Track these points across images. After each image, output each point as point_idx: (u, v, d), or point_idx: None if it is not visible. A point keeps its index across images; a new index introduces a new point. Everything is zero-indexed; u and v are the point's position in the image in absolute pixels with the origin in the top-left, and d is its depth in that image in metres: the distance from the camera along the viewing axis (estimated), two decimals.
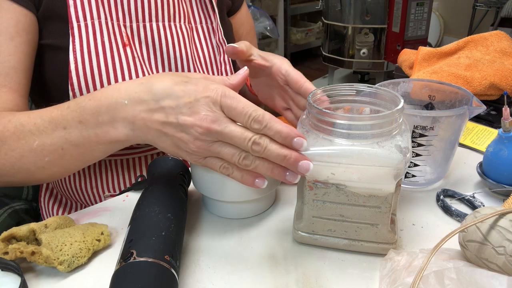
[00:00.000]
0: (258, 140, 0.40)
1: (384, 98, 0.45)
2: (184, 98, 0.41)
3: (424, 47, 0.82)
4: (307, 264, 0.44)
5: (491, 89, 0.73)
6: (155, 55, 0.64)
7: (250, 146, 0.40)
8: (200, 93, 0.41)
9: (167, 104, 0.42)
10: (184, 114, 0.41)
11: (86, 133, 0.46)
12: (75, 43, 0.57)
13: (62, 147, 0.47)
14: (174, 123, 0.41)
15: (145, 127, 0.43)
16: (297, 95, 0.56)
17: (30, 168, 0.49)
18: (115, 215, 0.53)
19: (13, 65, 0.55)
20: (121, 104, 0.44)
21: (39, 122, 0.47)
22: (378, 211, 0.42)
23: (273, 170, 0.42)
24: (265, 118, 0.40)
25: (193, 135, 0.41)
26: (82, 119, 0.45)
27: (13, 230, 0.44)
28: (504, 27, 2.41)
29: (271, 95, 0.62)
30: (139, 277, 0.36)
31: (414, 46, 1.79)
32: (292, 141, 0.40)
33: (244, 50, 0.54)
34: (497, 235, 0.37)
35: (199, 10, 0.71)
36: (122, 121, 0.44)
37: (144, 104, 0.43)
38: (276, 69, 0.56)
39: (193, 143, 0.41)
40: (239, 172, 0.43)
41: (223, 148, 0.42)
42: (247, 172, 0.43)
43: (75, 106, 0.46)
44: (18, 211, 0.70)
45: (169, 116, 0.42)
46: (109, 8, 0.60)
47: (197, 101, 0.41)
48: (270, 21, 3.03)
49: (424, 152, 0.53)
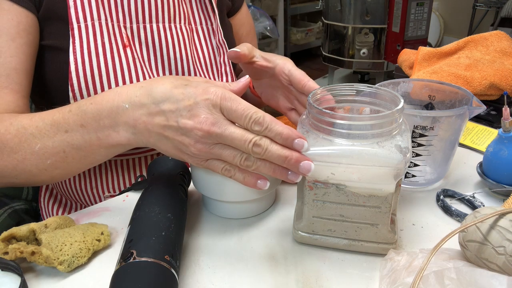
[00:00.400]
0: (259, 142, 0.40)
1: (384, 98, 0.45)
2: (183, 101, 0.41)
3: (424, 47, 0.82)
4: (307, 264, 0.44)
5: (491, 89, 0.73)
6: (155, 56, 0.64)
7: (251, 148, 0.40)
8: (199, 95, 0.41)
9: (167, 107, 0.42)
10: (184, 117, 0.41)
11: (88, 137, 0.46)
12: (75, 44, 0.57)
13: (64, 150, 0.47)
14: (174, 126, 0.42)
15: (146, 130, 0.43)
16: (301, 94, 0.56)
17: (32, 170, 0.49)
18: (115, 215, 0.53)
19: (14, 66, 0.55)
20: (122, 108, 0.44)
21: (41, 125, 0.48)
22: (378, 211, 0.42)
23: (275, 170, 0.42)
24: (266, 120, 0.40)
25: (194, 138, 0.41)
26: (84, 123, 0.46)
27: (13, 230, 0.44)
28: (504, 27, 2.41)
29: (274, 96, 0.62)
30: (139, 277, 0.36)
31: (414, 46, 1.79)
32: (293, 142, 0.40)
33: (246, 53, 0.54)
34: (497, 235, 0.37)
35: (199, 11, 0.71)
36: (124, 125, 0.44)
37: (145, 108, 0.43)
38: (279, 70, 0.56)
39: (194, 146, 0.41)
40: (241, 174, 0.43)
41: (224, 150, 0.42)
42: (249, 174, 0.43)
43: (77, 109, 0.46)
44: (18, 211, 0.70)
45: (169, 120, 0.42)
46: (109, 9, 0.60)
47: (196, 104, 0.41)
48: (270, 21, 3.03)
49: (424, 152, 0.53)
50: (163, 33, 0.64)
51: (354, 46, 2.53)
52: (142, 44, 0.63)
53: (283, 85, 0.57)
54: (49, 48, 0.59)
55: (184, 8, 0.68)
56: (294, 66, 0.55)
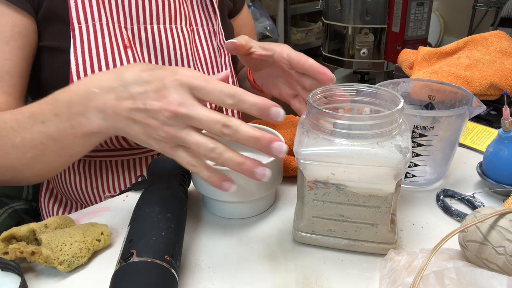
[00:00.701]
0: (229, 123, 0.39)
1: (384, 98, 0.45)
2: (151, 83, 0.41)
3: (424, 47, 0.82)
4: (307, 264, 0.44)
5: (491, 89, 0.73)
6: (156, 57, 0.64)
7: (220, 128, 0.39)
8: (168, 77, 0.40)
9: (135, 90, 0.41)
10: (151, 99, 0.40)
11: (62, 126, 0.45)
12: (76, 44, 0.57)
13: (41, 141, 0.47)
14: (142, 108, 0.41)
15: (115, 114, 0.42)
16: (302, 76, 0.56)
17: (15, 165, 0.49)
18: (115, 215, 0.53)
19: (7, 70, 0.55)
20: (92, 93, 0.43)
21: (20, 118, 0.48)
22: (378, 211, 0.42)
23: (242, 165, 0.40)
24: (239, 92, 0.39)
25: (162, 120, 0.40)
26: (58, 112, 0.45)
27: (13, 230, 0.44)
28: (504, 27, 2.41)
29: (276, 85, 0.61)
30: (139, 277, 0.36)
31: (414, 46, 1.79)
32: (269, 111, 0.39)
33: (243, 44, 0.53)
34: (497, 235, 0.37)
35: (200, 12, 0.71)
36: (93, 110, 0.43)
37: (114, 92, 0.42)
38: (278, 56, 0.56)
39: (161, 128, 0.40)
40: (207, 172, 0.41)
41: (191, 136, 0.40)
42: (215, 173, 0.41)
43: (51, 99, 0.46)
44: (18, 211, 0.70)
45: (137, 102, 0.41)
46: (110, 10, 0.60)
47: (164, 85, 0.40)
48: (270, 21, 3.03)
49: (424, 152, 0.53)
50: (164, 34, 0.64)
51: (354, 46, 2.53)
52: (143, 45, 0.63)
53: (284, 71, 0.57)
54: (48, 49, 0.59)
55: (185, 9, 0.68)
56: (291, 50, 0.55)
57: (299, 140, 0.42)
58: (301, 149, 0.41)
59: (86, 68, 0.57)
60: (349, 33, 2.52)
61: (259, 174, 0.40)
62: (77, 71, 0.57)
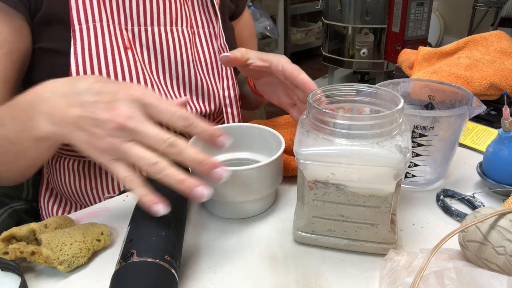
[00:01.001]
0: (176, 142, 0.39)
1: (384, 98, 0.45)
2: (104, 94, 0.41)
3: (424, 47, 0.82)
4: (307, 264, 0.44)
5: (491, 89, 0.73)
6: (156, 59, 0.64)
7: (166, 147, 0.39)
8: (120, 91, 0.41)
9: (86, 99, 0.41)
10: (101, 109, 0.40)
11: (18, 129, 0.46)
12: (77, 45, 0.57)
13: (1, 144, 0.48)
14: (89, 117, 0.40)
15: (62, 120, 0.42)
16: (296, 88, 0.57)
17: None
18: (115, 215, 0.53)
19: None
20: (44, 98, 0.44)
21: None
22: (378, 211, 0.42)
23: (182, 183, 0.39)
24: (191, 116, 0.40)
25: (107, 130, 0.40)
26: (16, 115, 0.46)
27: (13, 230, 0.44)
28: (504, 27, 2.41)
29: (275, 93, 0.62)
30: (139, 277, 0.36)
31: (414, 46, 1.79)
32: (217, 139, 0.41)
33: (239, 57, 0.55)
34: (497, 235, 0.37)
35: (202, 15, 0.70)
36: (42, 114, 0.43)
37: (65, 98, 0.42)
38: (274, 67, 0.57)
39: (105, 139, 0.40)
40: (142, 189, 0.40)
41: (134, 149, 0.39)
42: (149, 194, 0.40)
43: (14, 102, 0.47)
44: (18, 211, 0.70)
45: (86, 110, 0.41)
46: (111, 12, 0.60)
47: (116, 99, 0.40)
48: (270, 21, 3.03)
49: (424, 152, 0.53)
50: (165, 36, 0.64)
51: (354, 46, 2.53)
52: (143, 46, 0.63)
53: (281, 81, 0.58)
54: (46, 51, 0.59)
55: (186, 11, 0.68)
56: (287, 62, 0.56)
57: (299, 140, 0.42)
58: (301, 149, 0.41)
59: (86, 68, 0.57)
60: (349, 33, 2.52)
61: (198, 194, 0.39)
62: (77, 71, 0.57)
